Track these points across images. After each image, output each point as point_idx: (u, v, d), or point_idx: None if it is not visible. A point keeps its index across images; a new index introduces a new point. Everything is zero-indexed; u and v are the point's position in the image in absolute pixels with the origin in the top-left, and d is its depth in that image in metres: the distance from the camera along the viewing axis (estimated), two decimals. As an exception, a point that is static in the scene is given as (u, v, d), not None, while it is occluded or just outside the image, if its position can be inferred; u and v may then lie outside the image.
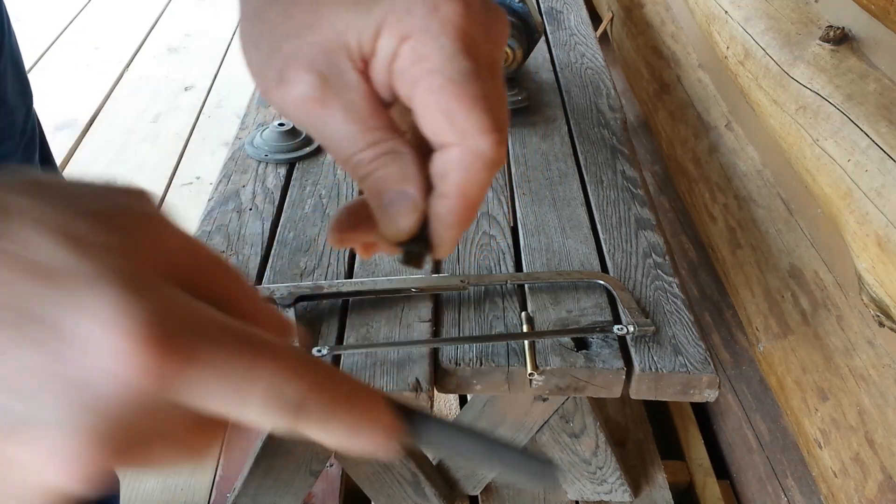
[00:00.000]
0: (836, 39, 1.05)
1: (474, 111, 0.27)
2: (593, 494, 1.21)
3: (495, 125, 0.27)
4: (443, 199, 0.29)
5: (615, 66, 2.17)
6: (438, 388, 0.80)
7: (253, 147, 1.13)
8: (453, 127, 0.27)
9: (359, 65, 0.28)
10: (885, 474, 0.93)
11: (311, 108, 0.28)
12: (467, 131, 0.27)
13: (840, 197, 0.99)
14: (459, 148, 0.28)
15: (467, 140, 0.27)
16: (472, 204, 0.29)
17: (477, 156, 0.28)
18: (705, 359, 0.80)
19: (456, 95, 0.27)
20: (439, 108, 0.27)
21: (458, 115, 0.27)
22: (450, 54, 0.27)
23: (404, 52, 0.27)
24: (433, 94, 0.27)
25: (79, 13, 3.29)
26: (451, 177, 0.28)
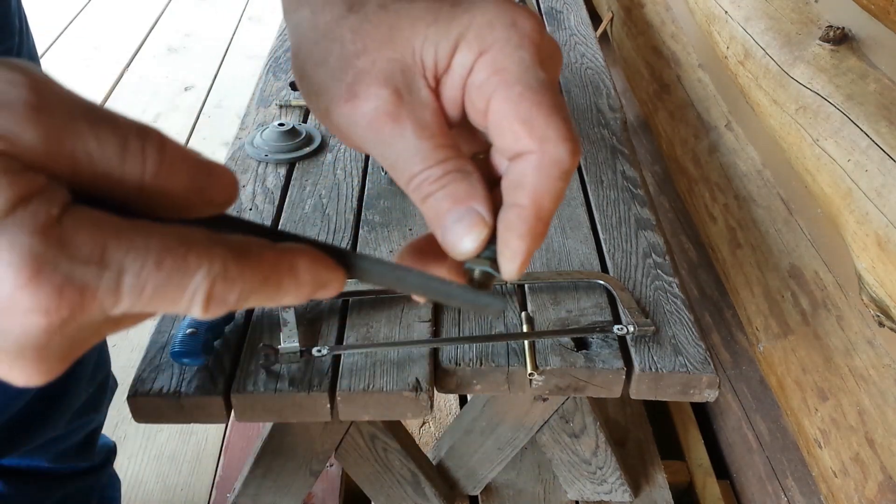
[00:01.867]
0: (836, 39, 1.05)
1: (554, 118, 0.27)
2: (593, 494, 1.21)
3: (572, 134, 0.28)
4: (515, 208, 0.28)
5: (615, 66, 2.17)
6: (438, 388, 0.80)
7: (253, 147, 1.13)
8: (532, 133, 0.27)
9: (431, 82, 0.29)
10: (885, 474, 0.93)
11: (382, 123, 0.28)
12: (547, 138, 0.27)
13: (840, 197, 0.99)
14: (537, 154, 0.27)
15: (546, 146, 0.27)
16: (545, 215, 0.28)
17: (555, 163, 0.27)
18: (705, 359, 0.80)
19: (536, 103, 0.27)
20: (518, 115, 0.27)
21: (538, 122, 0.27)
22: (529, 66, 0.28)
23: (481, 65, 0.28)
24: (512, 102, 0.27)
25: (79, 13, 3.29)
26: (528, 183, 0.28)
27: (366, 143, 0.29)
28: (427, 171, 0.28)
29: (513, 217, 0.28)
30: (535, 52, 0.28)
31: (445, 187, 0.28)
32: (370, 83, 0.28)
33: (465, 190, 0.28)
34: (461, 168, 0.28)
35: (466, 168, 0.29)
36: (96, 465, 1.12)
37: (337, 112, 0.29)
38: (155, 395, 0.75)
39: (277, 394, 0.75)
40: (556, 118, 0.27)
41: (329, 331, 0.82)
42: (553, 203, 0.28)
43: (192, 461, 1.43)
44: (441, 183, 0.28)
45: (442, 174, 0.28)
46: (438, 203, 0.28)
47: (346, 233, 0.97)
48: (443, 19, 0.28)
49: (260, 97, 1.29)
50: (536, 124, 0.27)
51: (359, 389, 0.75)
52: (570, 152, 0.27)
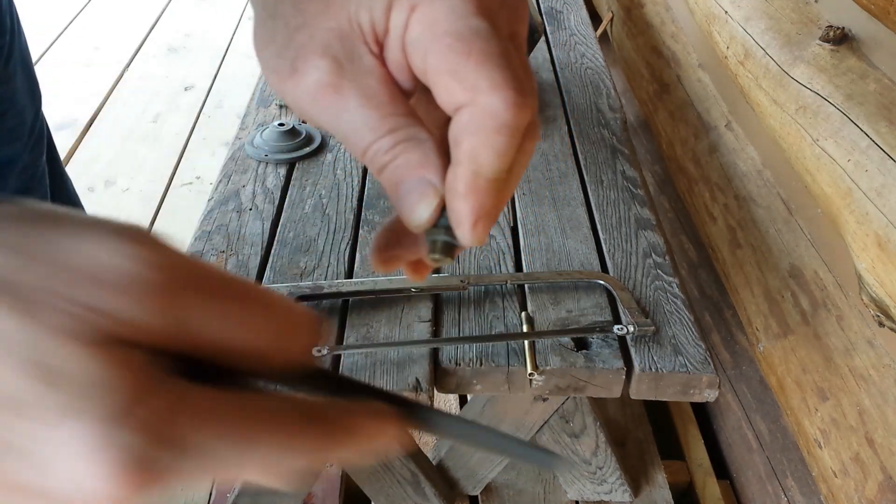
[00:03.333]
0: (836, 39, 1.05)
1: (485, 66, 0.25)
2: (593, 494, 1.21)
3: (512, 83, 0.25)
4: (454, 167, 0.26)
5: (615, 66, 2.17)
6: (438, 388, 0.80)
7: (253, 147, 1.13)
8: (462, 85, 0.25)
9: (374, 48, 0.27)
10: (885, 474, 0.93)
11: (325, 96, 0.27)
12: (478, 88, 0.25)
13: (840, 197, 0.99)
14: (469, 107, 0.25)
15: (479, 97, 0.25)
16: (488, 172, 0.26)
17: (489, 115, 0.25)
18: (705, 359, 0.80)
19: (465, 52, 0.25)
20: (447, 68, 0.25)
21: (467, 72, 0.25)
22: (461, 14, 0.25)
23: (414, 20, 0.26)
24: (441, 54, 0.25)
25: (79, 13, 3.29)
26: (462, 140, 0.25)
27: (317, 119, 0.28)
28: (378, 143, 0.27)
29: (451, 177, 0.26)
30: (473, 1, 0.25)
31: (397, 158, 0.27)
32: (308, 56, 0.27)
33: (417, 159, 0.27)
34: (412, 136, 0.27)
35: (419, 135, 0.27)
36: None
37: (285, 89, 0.28)
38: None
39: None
40: (488, 66, 0.24)
41: (329, 331, 0.82)
42: (496, 158, 0.25)
43: (192, 461, 1.43)
44: (392, 153, 0.27)
45: (392, 144, 0.27)
46: (391, 174, 0.27)
47: (346, 233, 0.97)
48: None
49: (260, 97, 1.29)
50: (465, 75, 0.25)
51: (359, 389, 0.75)
52: (506, 101, 0.24)
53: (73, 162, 2.32)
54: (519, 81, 0.25)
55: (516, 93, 0.25)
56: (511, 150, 0.25)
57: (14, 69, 0.73)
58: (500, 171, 0.26)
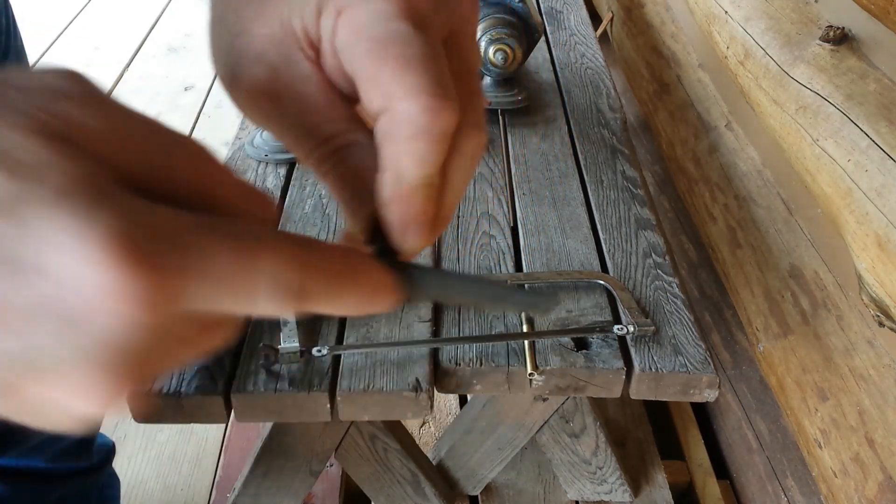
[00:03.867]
0: (836, 39, 1.05)
1: (403, 72, 0.24)
2: (593, 494, 1.21)
3: (429, 88, 0.24)
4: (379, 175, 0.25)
5: (615, 66, 2.17)
6: (438, 388, 0.80)
7: (253, 147, 1.13)
8: (378, 91, 0.24)
9: (310, 53, 0.26)
10: (885, 474, 0.93)
11: (262, 103, 0.27)
12: (393, 94, 0.24)
13: (840, 197, 0.99)
14: (387, 114, 0.24)
15: (394, 104, 0.24)
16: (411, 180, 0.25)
17: (405, 121, 0.24)
18: (705, 359, 0.80)
19: (383, 57, 0.24)
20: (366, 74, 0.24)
21: (384, 78, 0.24)
22: (383, 17, 0.24)
23: (341, 25, 0.25)
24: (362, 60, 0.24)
25: (79, 13, 3.29)
26: (382, 147, 0.25)
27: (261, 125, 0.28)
28: (316, 151, 0.27)
29: (377, 185, 0.25)
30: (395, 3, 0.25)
31: (334, 169, 0.27)
32: (246, 62, 0.27)
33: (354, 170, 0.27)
34: (350, 143, 0.26)
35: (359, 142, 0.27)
36: (94, 465, 1.12)
37: (230, 96, 0.28)
38: (155, 395, 0.75)
39: (277, 394, 0.75)
40: (404, 71, 0.24)
41: (329, 331, 0.82)
42: (416, 165, 0.24)
43: (192, 461, 1.43)
44: (329, 164, 0.27)
45: (328, 154, 0.26)
46: (331, 185, 0.27)
47: (345, 233, 0.97)
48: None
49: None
50: (381, 81, 0.24)
51: (359, 389, 0.75)
52: (423, 107, 0.23)
53: (72, 162, 2.32)
54: (438, 85, 0.24)
55: (433, 97, 0.24)
56: (433, 156, 0.24)
57: None
58: (425, 178, 0.25)
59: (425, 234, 0.26)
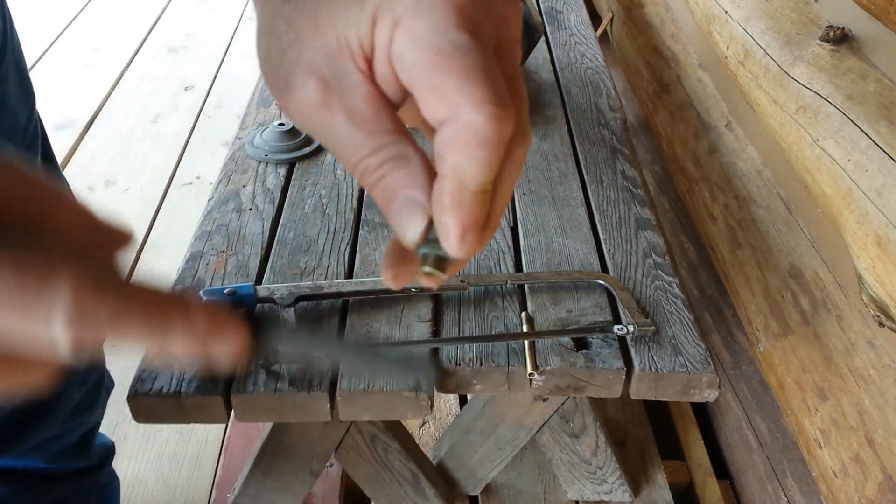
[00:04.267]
0: (836, 39, 1.05)
1: (467, 83, 0.25)
2: (593, 494, 1.21)
3: (492, 98, 0.25)
4: (439, 181, 0.26)
5: (615, 66, 2.17)
6: (438, 388, 0.80)
7: (253, 147, 1.13)
8: (444, 101, 0.25)
9: (362, 65, 0.27)
10: (885, 474, 0.93)
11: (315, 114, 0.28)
12: (458, 105, 0.25)
13: (840, 197, 0.99)
14: (452, 123, 0.25)
15: (459, 114, 0.25)
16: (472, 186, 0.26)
17: (471, 130, 0.25)
18: (705, 359, 0.80)
19: (446, 68, 0.25)
20: (429, 83, 0.25)
21: (449, 88, 0.25)
22: (442, 28, 0.25)
23: (398, 35, 0.26)
24: (424, 70, 0.25)
25: (79, 13, 3.29)
26: (446, 154, 0.26)
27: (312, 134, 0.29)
28: (365, 161, 0.27)
29: (437, 192, 0.26)
30: (452, 14, 0.26)
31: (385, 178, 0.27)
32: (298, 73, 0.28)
33: (404, 178, 0.27)
34: (399, 154, 0.27)
35: (406, 152, 0.27)
36: (94, 465, 1.12)
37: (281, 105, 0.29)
38: (155, 395, 0.75)
39: (277, 394, 0.75)
40: (468, 82, 0.25)
41: (329, 331, 0.82)
42: (479, 172, 0.26)
43: (192, 461, 1.43)
44: (380, 173, 0.27)
45: (379, 163, 0.27)
46: (380, 194, 0.28)
47: (346, 233, 0.97)
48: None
49: (260, 97, 1.29)
50: (447, 91, 0.25)
51: (359, 389, 0.75)
52: (487, 117, 0.25)
53: (72, 162, 2.32)
54: (498, 95, 0.25)
55: (496, 107, 0.25)
56: (494, 163, 0.26)
57: (6, 70, 0.73)
58: (485, 184, 0.26)
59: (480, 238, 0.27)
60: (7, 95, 0.72)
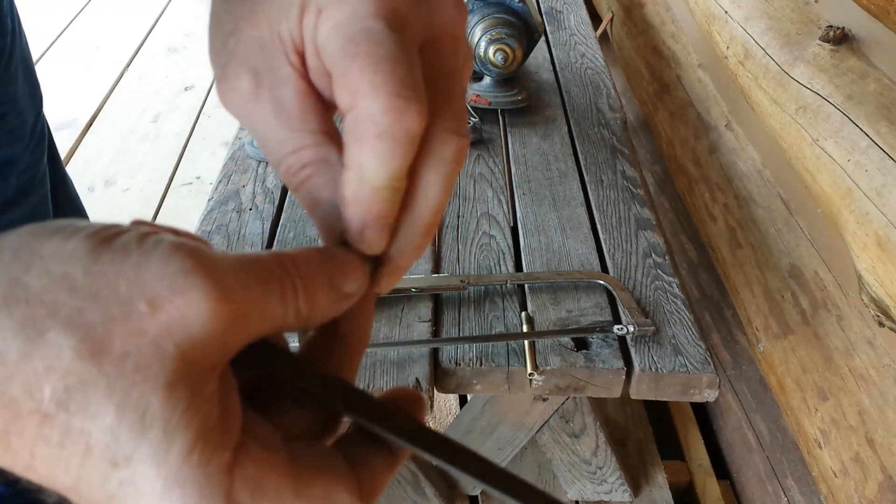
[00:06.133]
0: (836, 39, 1.05)
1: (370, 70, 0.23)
2: (593, 494, 1.21)
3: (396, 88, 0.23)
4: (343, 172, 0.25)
5: (615, 66, 2.17)
6: (438, 388, 0.80)
7: (253, 147, 1.13)
8: (346, 88, 0.24)
9: (293, 58, 0.26)
10: (885, 474, 0.93)
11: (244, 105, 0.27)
12: (360, 92, 0.23)
13: (840, 197, 0.99)
14: (353, 112, 0.24)
15: (360, 101, 0.23)
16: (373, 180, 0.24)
17: (370, 120, 0.23)
18: (705, 359, 0.80)
19: (353, 54, 0.24)
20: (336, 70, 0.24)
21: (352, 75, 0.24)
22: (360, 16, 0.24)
23: (322, 24, 0.25)
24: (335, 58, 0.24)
25: (79, 13, 3.29)
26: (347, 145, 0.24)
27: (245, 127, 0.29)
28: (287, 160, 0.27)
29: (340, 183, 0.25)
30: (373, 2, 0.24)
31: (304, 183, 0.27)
32: (233, 64, 0.27)
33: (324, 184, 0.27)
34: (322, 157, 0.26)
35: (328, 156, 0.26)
36: (96, 465, 1.12)
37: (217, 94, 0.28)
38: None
39: (277, 394, 0.75)
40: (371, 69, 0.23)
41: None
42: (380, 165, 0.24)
43: (192, 461, 1.43)
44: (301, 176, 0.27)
45: (301, 165, 0.27)
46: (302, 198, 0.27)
47: (346, 233, 0.97)
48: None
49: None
50: (351, 78, 0.24)
51: (359, 389, 0.75)
52: (387, 107, 0.23)
53: (73, 162, 2.32)
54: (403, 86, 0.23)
55: (399, 97, 0.23)
56: (395, 158, 0.24)
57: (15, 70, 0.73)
58: (388, 179, 0.24)
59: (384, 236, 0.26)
60: (16, 95, 0.72)
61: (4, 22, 0.71)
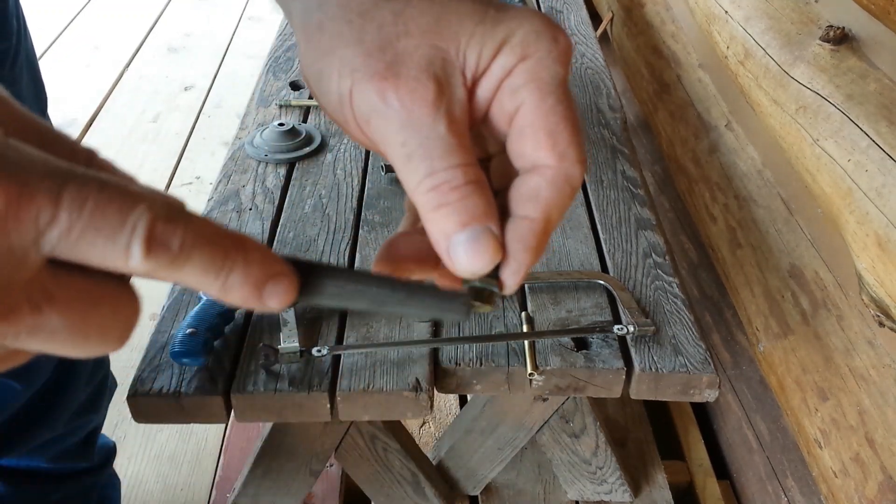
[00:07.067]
0: (836, 39, 1.05)
1: (577, 137, 0.28)
2: (593, 494, 1.21)
3: (585, 155, 0.29)
4: (527, 220, 0.28)
5: (615, 66, 2.17)
6: (438, 388, 0.80)
7: (253, 147, 1.13)
8: (555, 147, 0.28)
9: (468, 82, 0.29)
10: (886, 474, 0.93)
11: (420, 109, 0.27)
12: (566, 155, 0.28)
13: (840, 197, 0.99)
14: (554, 170, 0.28)
15: (565, 163, 0.28)
16: (552, 229, 0.29)
17: (568, 179, 0.28)
18: (705, 359, 0.80)
19: (564, 118, 0.28)
20: (546, 126, 0.28)
21: (562, 137, 0.28)
22: (562, 82, 0.29)
23: (521, 70, 0.28)
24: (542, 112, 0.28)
25: (79, 13, 3.29)
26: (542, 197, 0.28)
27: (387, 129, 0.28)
28: (446, 173, 0.27)
29: (524, 230, 0.28)
30: (566, 71, 0.29)
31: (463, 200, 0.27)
32: (412, 65, 0.27)
33: (483, 206, 0.27)
34: (479, 178, 0.28)
35: (483, 179, 0.28)
36: (96, 466, 1.12)
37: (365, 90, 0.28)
38: (155, 395, 0.75)
39: (277, 394, 0.75)
40: (578, 138, 0.28)
41: (329, 331, 0.82)
42: (560, 217, 0.29)
43: (192, 461, 1.43)
44: (459, 193, 0.27)
45: (462, 182, 0.27)
46: (453, 215, 0.27)
47: (346, 233, 0.97)
48: (489, 21, 0.28)
49: (260, 97, 1.29)
50: (560, 139, 0.28)
51: (359, 389, 0.75)
52: (582, 173, 0.29)
53: (73, 162, 2.31)
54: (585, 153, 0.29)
55: (585, 165, 0.29)
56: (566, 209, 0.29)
57: (20, 71, 0.73)
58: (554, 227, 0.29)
59: None
60: (21, 96, 0.73)
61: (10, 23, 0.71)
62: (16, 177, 0.19)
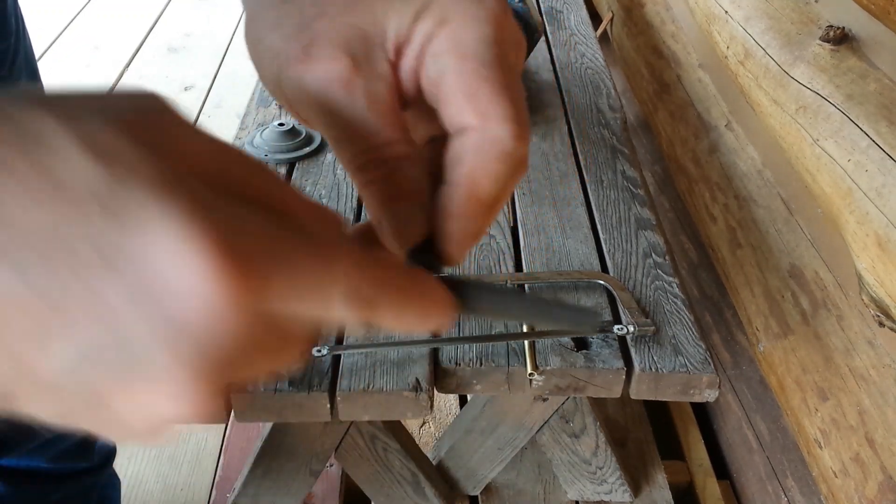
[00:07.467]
0: (836, 39, 1.05)
1: (500, 97, 0.26)
2: (593, 494, 1.21)
3: (517, 116, 0.26)
4: (450, 187, 0.27)
5: (615, 66, 2.17)
6: (438, 388, 0.80)
7: (253, 147, 1.13)
8: (475, 108, 0.26)
9: (391, 55, 0.27)
10: (886, 474, 0.93)
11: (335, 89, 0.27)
12: (488, 114, 0.26)
13: (840, 197, 0.99)
14: (477, 131, 0.26)
15: (488, 124, 0.26)
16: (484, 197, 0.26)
17: (493, 142, 0.26)
18: (705, 359, 0.80)
19: (485, 78, 0.26)
20: (464, 88, 0.26)
21: (483, 98, 0.26)
22: (488, 42, 0.27)
23: (442, 35, 0.27)
24: (463, 75, 0.26)
25: (79, 13, 3.29)
26: (464, 161, 0.26)
27: (313, 112, 0.27)
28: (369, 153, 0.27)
29: (446, 197, 0.27)
30: (497, 31, 0.27)
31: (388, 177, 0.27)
32: (326, 46, 0.27)
33: (408, 183, 0.27)
34: (406, 154, 0.27)
35: (414, 154, 0.27)
36: (96, 466, 1.12)
37: (287, 75, 0.28)
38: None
39: (277, 394, 0.75)
40: (502, 97, 0.26)
41: (329, 330, 0.82)
42: (493, 185, 0.26)
43: (192, 461, 1.43)
44: (384, 170, 0.27)
45: (389, 157, 0.27)
46: (379, 192, 0.27)
47: (346, 233, 0.97)
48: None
49: (260, 97, 1.29)
50: (480, 100, 0.26)
51: (359, 389, 0.75)
52: (513, 134, 0.26)
53: (73, 162, 2.32)
54: (522, 116, 0.26)
55: (520, 126, 0.26)
56: (505, 179, 0.26)
57: (19, 71, 0.73)
58: (493, 197, 0.27)
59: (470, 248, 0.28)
60: None
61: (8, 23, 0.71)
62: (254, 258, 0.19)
